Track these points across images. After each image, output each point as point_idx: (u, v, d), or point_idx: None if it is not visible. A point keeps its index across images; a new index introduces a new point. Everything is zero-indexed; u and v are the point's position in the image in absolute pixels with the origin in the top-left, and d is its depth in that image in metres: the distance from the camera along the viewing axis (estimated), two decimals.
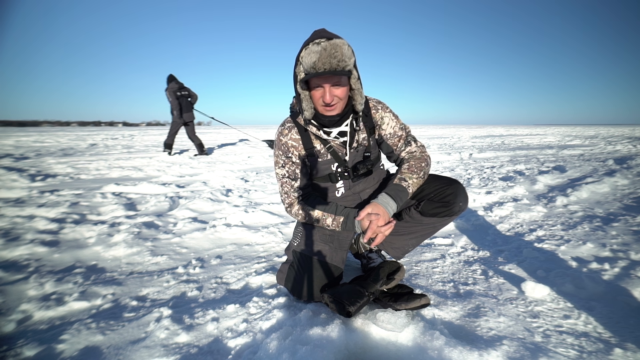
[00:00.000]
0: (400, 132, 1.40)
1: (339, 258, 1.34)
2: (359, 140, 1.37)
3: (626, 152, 6.83)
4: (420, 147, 1.39)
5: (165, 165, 5.40)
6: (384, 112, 1.39)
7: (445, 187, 1.32)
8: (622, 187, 3.14)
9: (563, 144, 9.47)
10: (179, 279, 1.53)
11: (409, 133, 1.42)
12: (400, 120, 1.42)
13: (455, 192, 1.30)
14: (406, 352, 1.00)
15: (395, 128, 1.39)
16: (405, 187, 1.28)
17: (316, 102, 1.23)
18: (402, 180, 1.29)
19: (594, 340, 1.03)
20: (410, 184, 1.29)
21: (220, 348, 1.05)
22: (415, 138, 1.42)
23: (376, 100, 1.41)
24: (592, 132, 18.07)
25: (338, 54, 1.10)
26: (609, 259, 1.59)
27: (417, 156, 1.36)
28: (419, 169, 1.32)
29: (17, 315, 1.22)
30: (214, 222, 2.30)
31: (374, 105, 1.39)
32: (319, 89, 1.19)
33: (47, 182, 3.98)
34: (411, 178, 1.30)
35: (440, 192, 1.33)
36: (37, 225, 2.20)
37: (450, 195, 1.31)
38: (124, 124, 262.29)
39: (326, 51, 1.09)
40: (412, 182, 1.29)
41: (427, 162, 1.35)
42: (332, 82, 1.16)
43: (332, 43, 1.10)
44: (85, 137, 14.78)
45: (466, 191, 1.34)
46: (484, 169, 4.63)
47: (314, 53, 1.10)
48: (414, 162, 1.34)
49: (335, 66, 1.11)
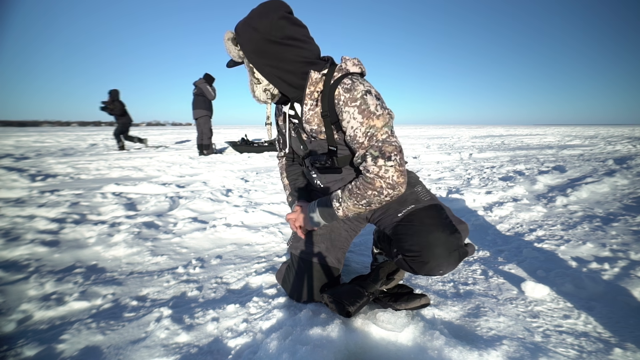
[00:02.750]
0: (362, 140, 1.03)
1: (333, 258, 1.30)
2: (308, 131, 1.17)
3: (626, 152, 6.84)
4: (381, 167, 1.01)
5: (165, 165, 5.40)
6: (345, 104, 1.04)
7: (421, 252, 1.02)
8: (622, 187, 3.14)
9: (563, 144, 9.48)
10: (179, 279, 1.54)
11: (375, 144, 1.02)
12: (374, 121, 1.02)
13: (430, 262, 1.02)
14: (406, 352, 1.00)
15: (356, 132, 1.03)
16: (334, 208, 1.14)
17: None
18: (336, 199, 1.13)
19: (593, 340, 1.03)
20: (343, 208, 1.11)
21: (220, 348, 1.05)
22: (385, 154, 1.01)
23: (348, 85, 1.05)
24: (592, 132, 18.08)
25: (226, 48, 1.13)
26: (609, 259, 1.59)
27: (367, 179, 1.04)
28: (361, 196, 1.06)
29: (17, 315, 1.22)
30: (214, 222, 2.30)
31: (339, 92, 1.05)
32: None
33: (47, 182, 3.98)
34: (346, 202, 1.10)
35: (414, 257, 1.05)
36: (37, 225, 2.20)
37: (423, 265, 1.03)
38: None
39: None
40: (346, 207, 1.10)
41: (378, 191, 1.03)
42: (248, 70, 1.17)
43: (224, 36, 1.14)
44: (85, 137, 14.78)
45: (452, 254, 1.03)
46: (484, 169, 4.63)
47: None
48: (359, 184, 1.07)
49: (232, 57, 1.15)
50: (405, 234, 1.08)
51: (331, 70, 1.11)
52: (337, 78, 1.08)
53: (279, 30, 1.05)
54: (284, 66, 1.10)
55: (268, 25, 1.04)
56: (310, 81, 1.10)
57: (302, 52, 1.10)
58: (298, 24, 1.10)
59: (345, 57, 1.17)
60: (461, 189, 3.31)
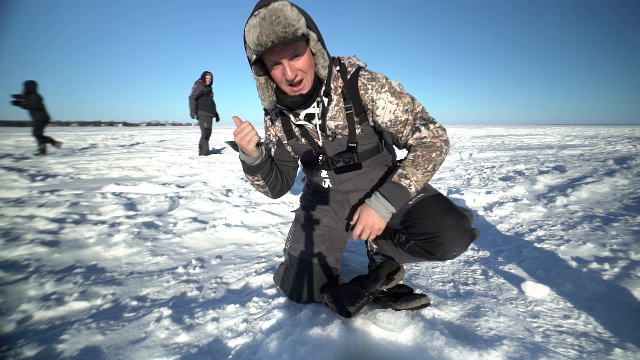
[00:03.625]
0: (405, 117, 1.10)
1: (333, 258, 1.31)
2: (332, 128, 1.14)
3: (626, 152, 6.83)
4: (433, 130, 1.10)
5: (165, 165, 5.40)
6: (376, 92, 1.09)
7: (437, 234, 1.07)
8: (622, 187, 3.14)
9: (563, 144, 9.47)
10: (179, 279, 1.54)
11: (418, 115, 1.12)
12: (406, 98, 1.11)
13: (446, 243, 1.07)
14: (406, 352, 1.00)
15: (396, 112, 1.10)
16: (405, 186, 1.07)
17: (280, 83, 1.04)
18: (403, 178, 1.08)
19: (594, 340, 1.03)
20: (413, 182, 1.07)
21: (220, 348, 1.05)
22: (429, 120, 1.12)
23: (369, 75, 1.10)
24: (592, 132, 18.07)
25: (281, 19, 0.91)
26: (609, 259, 1.59)
27: (427, 144, 1.09)
28: (427, 161, 1.07)
29: (17, 315, 1.22)
30: (214, 222, 2.30)
31: (363, 83, 1.10)
32: (277, 67, 1.00)
33: (47, 182, 3.98)
34: (415, 174, 1.07)
35: (429, 239, 1.09)
36: (37, 225, 2.20)
37: (439, 246, 1.08)
38: (124, 124, 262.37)
39: (266, 20, 0.91)
40: (416, 179, 1.07)
41: (440, 150, 1.09)
42: (288, 53, 0.97)
43: (269, 9, 0.92)
44: (85, 137, 14.77)
45: (465, 235, 1.08)
46: (484, 169, 4.63)
47: (254, 27, 0.93)
48: (420, 151, 1.09)
49: (282, 34, 0.92)
50: (419, 218, 1.13)
51: (343, 66, 1.13)
52: (354, 72, 1.12)
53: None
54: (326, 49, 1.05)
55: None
56: (333, 76, 1.10)
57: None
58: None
59: (344, 56, 1.17)
60: (461, 189, 3.31)
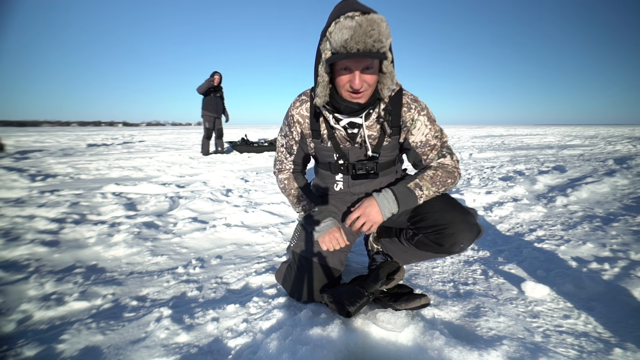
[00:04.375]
0: (434, 142, 1.19)
1: (337, 260, 1.31)
2: (369, 136, 1.19)
3: (626, 152, 6.83)
4: (455, 160, 1.21)
5: (165, 165, 5.40)
6: (418, 113, 1.17)
7: (446, 226, 1.13)
8: (622, 187, 3.14)
9: (563, 144, 9.47)
10: (179, 279, 1.54)
11: (444, 144, 1.21)
12: (437, 126, 1.21)
13: (455, 234, 1.12)
14: (406, 352, 1.00)
15: (428, 136, 1.19)
16: (417, 197, 1.14)
17: (341, 87, 1.06)
18: (418, 188, 1.14)
19: (594, 340, 1.03)
20: (425, 196, 1.15)
21: (220, 348, 1.05)
22: (452, 150, 1.22)
23: (412, 96, 1.19)
24: (592, 132, 18.07)
25: (375, 33, 0.91)
26: (609, 259, 1.59)
27: (447, 169, 1.19)
28: (442, 183, 1.16)
29: (17, 315, 1.22)
30: (214, 222, 2.30)
31: (407, 102, 1.17)
32: (345, 72, 1.02)
33: (47, 182, 3.98)
34: (429, 189, 1.15)
35: (438, 231, 1.15)
36: (37, 225, 2.20)
37: (448, 237, 1.13)
38: (124, 124, 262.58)
39: (362, 28, 0.91)
40: (427, 194, 1.15)
41: (455, 179, 1.19)
42: (364, 65, 0.99)
43: (368, 18, 0.92)
44: (85, 137, 14.78)
45: (472, 228, 1.14)
46: (484, 169, 4.63)
47: (346, 29, 0.91)
48: (440, 172, 1.17)
49: (370, 47, 0.93)
50: (428, 212, 1.18)
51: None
52: (398, 90, 1.18)
53: None
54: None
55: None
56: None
57: None
58: None
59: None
60: (461, 189, 3.31)
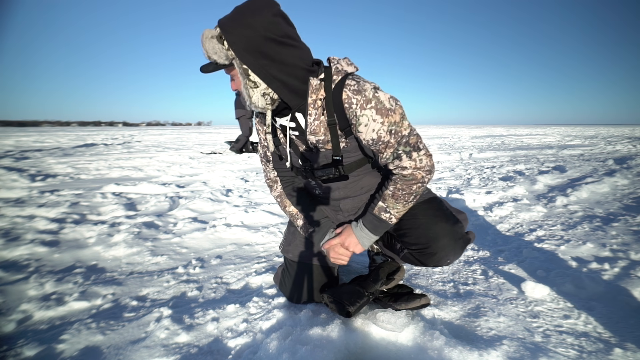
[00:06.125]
0: (387, 138, 1.01)
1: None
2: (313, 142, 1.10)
3: (626, 152, 6.83)
4: (416, 160, 1.03)
5: (165, 165, 5.40)
6: (360, 108, 0.99)
7: (428, 245, 1.07)
8: (622, 187, 3.14)
9: (563, 144, 9.47)
10: (179, 279, 1.54)
11: (403, 140, 1.01)
12: (394, 117, 1.00)
13: (438, 253, 1.07)
14: (406, 352, 1.00)
15: (380, 132, 1.00)
16: (386, 220, 1.08)
17: None
18: (383, 212, 1.08)
19: (594, 340, 1.03)
20: (394, 214, 1.08)
21: (220, 348, 1.05)
22: (414, 146, 1.03)
23: (355, 87, 1.00)
24: (592, 132, 18.08)
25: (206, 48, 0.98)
26: (609, 259, 1.59)
27: (407, 177, 1.03)
28: (407, 194, 1.05)
29: (17, 315, 1.22)
30: (214, 222, 2.30)
31: (348, 96, 1.00)
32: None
33: (47, 182, 3.98)
34: (395, 207, 1.07)
35: (421, 250, 1.10)
36: (37, 225, 2.20)
37: (431, 257, 1.08)
38: (124, 124, 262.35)
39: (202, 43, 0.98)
40: (397, 211, 1.08)
41: (421, 181, 1.05)
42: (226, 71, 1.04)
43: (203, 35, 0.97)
44: (85, 137, 14.78)
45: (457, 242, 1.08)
46: (484, 169, 4.63)
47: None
48: (400, 185, 1.05)
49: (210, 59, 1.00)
50: (410, 228, 1.12)
51: (328, 74, 1.03)
52: (339, 81, 1.02)
53: (277, 28, 0.95)
54: (285, 69, 0.99)
55: (264, 21, 0.94)
56: (312, 89, 1.03)
57: (301, 53, 1.01)
58: (291, 24, 1.01)
59: (334, 57, 1.09)
60: (461, 189, 3.31)
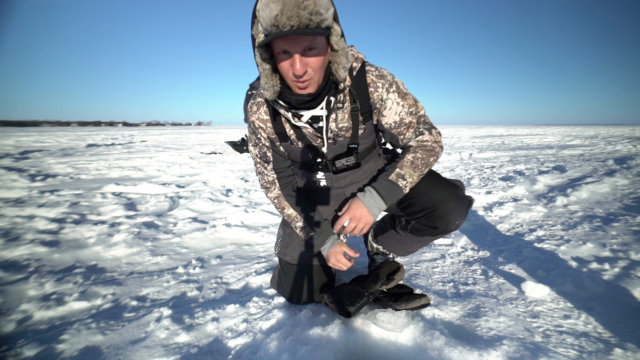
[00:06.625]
0: (409, 119, 1.07)
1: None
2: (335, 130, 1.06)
3: (626, 152, 6.83)
4: (435, 135, 1.10)
5: (165, 165, 5.40)
6: (387, 91, 1.03)
7: (435, 207, 1.08)
8: (622, 187, 3.14)
9: (563, 144, 9.47)
10: (179, 279, 1.53)
11: (421, 119, 1.09)
12: (410, 99, 1.07)
13: (446, 215, 1.08)
14: (406, 352, 1.00)
15: (402, 114, 1.06)
16: (401, 187, 1.06)
17: (285, 75, 0.91)
18: (400, 178, 1.06)
19: (594, 340, 1.03)
20: (409, 183, 1.07)
21: (220, 348, 1.05)
22: (431, 124, 1.11)
23: (377, 72, 1.03)
24: (592, 132, 18.08)
25: (310, 3, 0.77)
26: (609, 259, 1.59)
27: (427, 147, 1.09)
28: (424, 164, 1.08)
29: (17, 315, 1.22)
30: (214, 222, 2.30)
31: (372, 80, 1.02)
32: (285, 57, 0.86)
33: (47, 182, 3.98)
34: (412, 176, 1.07)
35: (429, 214, 1.10)
36: (37, 225, 2.20)
37: (440, 219, 1.09)
38: (123, 124, 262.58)
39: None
40: (412, 181, 1.07)
41: (437, 155, 1.11)
42: (304, 45, 0.83)
43: None
44: (85, 137, 14.78)
45: (463, 202, 1.11)
46: (484, 169, 4.63)
47: (274, 3, 0.77)
48: (420, 154, 1.08)
49: (306, 21, 0.78)
50: (415, 196, 1.12)
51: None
52: (360, 68, 1.03)
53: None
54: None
55: None
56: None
57: None
58: None
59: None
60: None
